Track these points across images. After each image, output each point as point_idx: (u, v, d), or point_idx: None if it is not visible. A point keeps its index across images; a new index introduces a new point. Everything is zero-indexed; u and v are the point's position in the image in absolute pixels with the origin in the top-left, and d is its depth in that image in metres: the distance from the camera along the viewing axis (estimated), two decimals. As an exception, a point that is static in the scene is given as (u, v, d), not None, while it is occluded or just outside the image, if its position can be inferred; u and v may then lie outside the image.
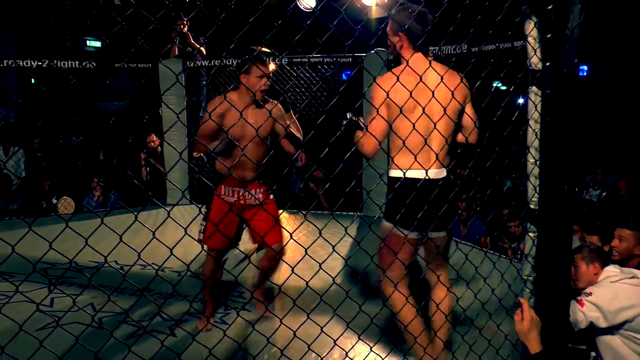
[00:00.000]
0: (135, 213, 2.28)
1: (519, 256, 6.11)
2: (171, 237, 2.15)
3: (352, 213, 7.14)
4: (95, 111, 10.58)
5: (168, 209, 6.28)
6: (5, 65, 6.78)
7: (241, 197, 3.65)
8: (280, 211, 7.00)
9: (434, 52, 6.33)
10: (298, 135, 3.80)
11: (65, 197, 7.53)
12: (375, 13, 9.00)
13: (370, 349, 2.84)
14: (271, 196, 3.79)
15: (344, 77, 13.76)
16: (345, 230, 2.43)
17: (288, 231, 2.72)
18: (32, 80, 11.11)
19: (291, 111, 3.83)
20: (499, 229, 7.02)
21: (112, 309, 3.92)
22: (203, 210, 3.67)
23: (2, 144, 8.25)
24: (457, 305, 3.27)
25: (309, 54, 7.35)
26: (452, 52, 6.36)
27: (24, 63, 6.87)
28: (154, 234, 1.97)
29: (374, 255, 2.70)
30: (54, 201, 7.55)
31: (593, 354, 3.55)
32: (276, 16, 2.33)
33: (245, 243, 3.84)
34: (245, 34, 2.51)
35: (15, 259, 2.26)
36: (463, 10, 2.42)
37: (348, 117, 3.37)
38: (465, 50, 6.33)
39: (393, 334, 3.02)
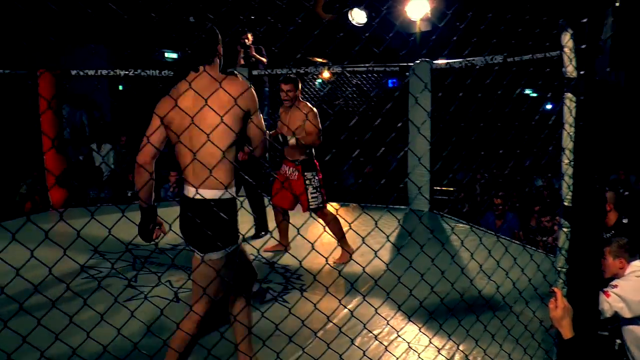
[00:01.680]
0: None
1: (548, 248, 5.99)
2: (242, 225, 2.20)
3: (400, 206, 7.09)
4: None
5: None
6: (100, 74, 7.04)
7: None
8: (335, 204, 7.10)
9: (467, 63, 6.24)
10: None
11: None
12: (421, 27, 8.91)
13: (419, 329, 2.84)
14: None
15: (390, 84, 13.73)
16: (375, 223, 2.44)
17: (347, 221, 2.73)
18: (120, 87, 11.48)
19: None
20: (532, 224, 6.90)
21: (188, 286, 4.02)
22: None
23: (95, 141, 8.60)
24: (497, 293, 3.24)
25: (361, 63, 7.37)
26: (489, 62, 6.24)
27: (115, 72, 7.11)
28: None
29: (423, 245, 2.70)
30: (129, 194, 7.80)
31: (618, 341, 3.48)
32: (332, 30, 2.35)
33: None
34: (303, 45, 2.54)
35: (107, 240, 2.37)
36: (476, 23, 2.39)
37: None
38: (501, 61, 6.21)
39: (441, 317, 3.01)
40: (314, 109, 4.51)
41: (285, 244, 4.82)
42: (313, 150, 4.67)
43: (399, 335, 2.91)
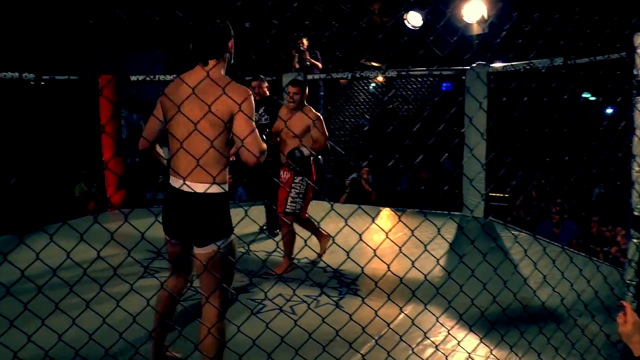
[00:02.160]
0: (247, 209, 2.38)
1: (610, 259, 5.76)
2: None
3: (453, 212, 6.97)
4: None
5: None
6: (157, 79, 7.22)
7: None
8: (385, 209, 7.07)
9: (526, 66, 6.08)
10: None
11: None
12: (476, 30, 8.76)
13: (480, 339, 2.78)
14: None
15: (443, 88, 13.55)
16: (438, 230, 2.40)
17: (384, 230, 2.70)
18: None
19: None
20: (591, 233, 6.66)
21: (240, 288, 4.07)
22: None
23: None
24: (561, 305, 3.14)
25: (415, 67, 7.29)
26: (549, 65, 6.05)
27: (171, 77, 7.29)
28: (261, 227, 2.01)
29: (462, 256, 2.64)
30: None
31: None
32: (386, 34, 2.33)
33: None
34: (357, 49, 2.54)
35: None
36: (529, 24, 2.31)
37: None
38: (561, 64, 6.02)
39: (502, 328, 2.94)
40: (320, 115, 4.51)
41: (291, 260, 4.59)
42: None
43: (459, 345, 2.86)
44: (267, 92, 5.51)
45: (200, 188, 2.33)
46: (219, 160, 2.33)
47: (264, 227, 5.67)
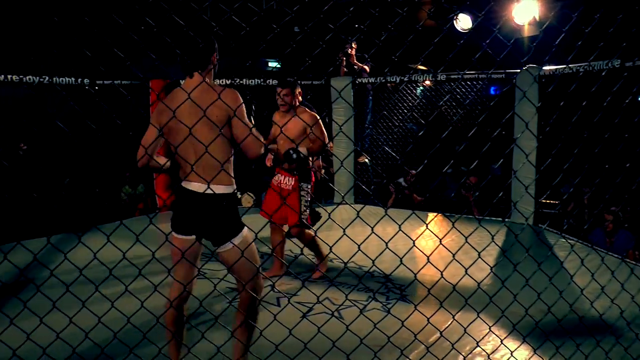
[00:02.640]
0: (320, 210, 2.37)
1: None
2: (336, 233, 2.19)
3: (500, 219, 6.85)
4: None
5: (329, 209, 6.38)
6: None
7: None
8: (433, 214, 6.99)
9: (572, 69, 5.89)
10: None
11: (247, 192, 7.99)
12: (527, 32, 8.58)
13: (534, 350, 2.71)
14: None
15: (492, 92, 13.28)
16: (492, 238, 2.34)
17: (437, 236, 2.67)
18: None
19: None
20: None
21: (288, 290, 4.09)
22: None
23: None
24: (621, 318, 3.03)
25: (464, 70, 7.18)
26: (604, 67, 5.85)
27: (220, 82, 7.42)
28: (315, 232, 2.01)
29: (516, 264, 2.57)
30: (239, 195, 8.04)
31: None
32: (434, 37, 2.30)
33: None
34: (406, 53, 2.51)
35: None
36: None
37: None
38: (617, 66, 5.82)
39: (557, 339, 2.85)
40: (317, 116, 4.18)
41: (283, 268, 4.57)
42: (310, 158, 4.33)
43: (512, 355, 2.79)
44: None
45: (217, 189, 2.46)
46: (227, 161, 2.49)
47: None
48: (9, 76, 5.78)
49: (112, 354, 2.42)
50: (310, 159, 4.24)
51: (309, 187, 4.27)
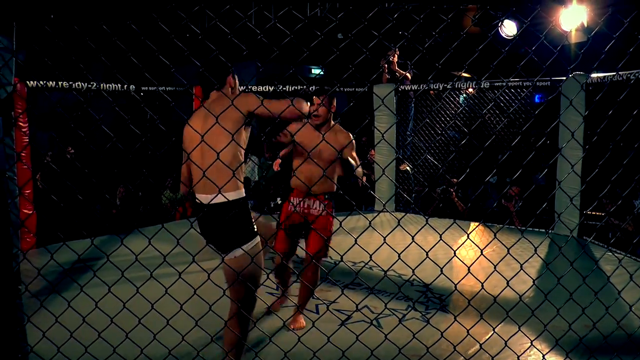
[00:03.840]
0: (340, 220, 2.39)
1: None
2: (376, 240, 2.17)
3: (542, 230, 6.68)
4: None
5: (370, 217, 6.32)
6: (250, 89, 7.46)
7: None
8: (475, 224, 6.87)
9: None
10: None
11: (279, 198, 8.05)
12: (574, 38, 8.39)
13: (567, 354, 2.63)
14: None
15: (537, 99, 13.03)
16: (535, 249, 2.28)
17: (478, 246, 2.61)
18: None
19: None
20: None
21: (326, 298, 4.08)
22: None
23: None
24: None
25: (508, 77, 7.05)
26: (632, 77, 5.63)
27: (262, 88, 7.51)
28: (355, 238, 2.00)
29: (560, 277, 2.49)
30: (279, 201, 8.10)
31: None
32: (478, 43, 2.27)
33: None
34: (449, 60, 2.48)
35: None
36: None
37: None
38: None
39: (603, 356, 2.76)
40: (352, 137, 3.65)
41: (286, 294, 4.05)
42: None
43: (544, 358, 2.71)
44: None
45: (230, 196, 2.55)
46: (239, 168, 2.59)
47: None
48: (59, 82, 5.98)
49: (151, 354, 2.47)
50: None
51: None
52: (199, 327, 3.11)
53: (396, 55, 7.79)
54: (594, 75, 6.33)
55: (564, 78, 6.49)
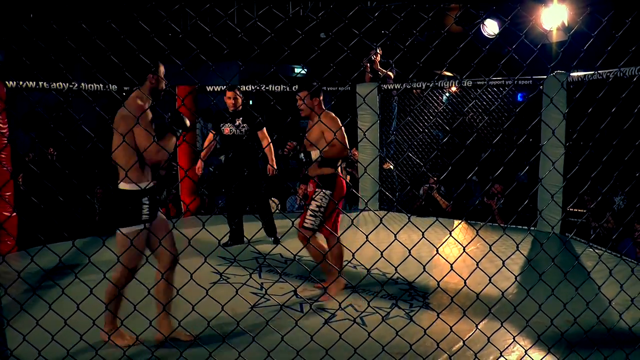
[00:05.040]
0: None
1: None
2: (360, 239, 2.18)
3: (525, 227, 6.75)
4: (297, 127, 11.20)
5: (352, 215, 6.35)
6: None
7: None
8: (458, 222, 6.93)
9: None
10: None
11: (273, 198, 8.02)
12: (555, 37, 8.47)
13: (549, 349, 2.66)
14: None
15: (520, 98, 13.14)
16: (517, 246, 2.31)
17: (461, 244, 2.64)
18: (250, 102, 12.02)
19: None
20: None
21: (311, 297, 4.08)
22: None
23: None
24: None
25: (489, 76, 7.10)
26: (635, 73, 5.72)
27: (246, 88, 7.48)
28: (338, 238, 2.01)
29: (542, 273, 2.53)
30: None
31: None
32: (460, 42, 2.28)
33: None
34: (432, 59, 2.50)
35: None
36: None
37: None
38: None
39: (584, 351, 2.80)
40: (335, 118, 4.06)
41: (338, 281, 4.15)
42: (339, 166, 4.19)
43: (526, 354, 2.74)
44: (240, 103, 5.56)
45: (122, 186, 3.05)
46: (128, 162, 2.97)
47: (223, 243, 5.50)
48: (39, 83, 5.91)
49: (134, 356, 2.45)
50: (339, 166, 4.13)
51: (328, 194, 4.04)
52: (182, 327, 3.09)
53: (379, 55, 7.81)
54: (574, 74, 6.40)
55: (545, 77, 6.56)
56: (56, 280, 3.95)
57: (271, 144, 5.66)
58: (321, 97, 4.14)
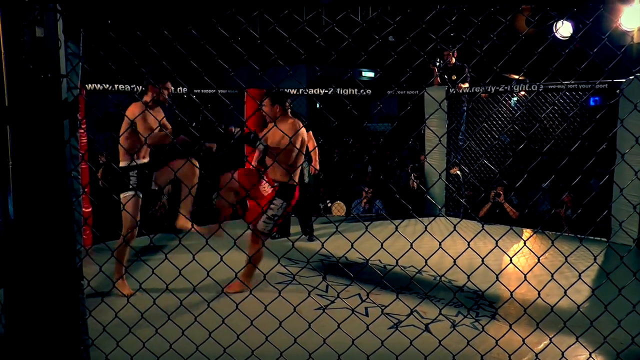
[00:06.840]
0: (396, 224, 2.36)
1: None
2: (428, 245, 2.13)
3: (598, 238, 6.37)
4: (365, 131, 11.18)
5: (425, 221, 6.31)
6: (299, 93, 7.49)
7: None
8: (529, 231, 6.67)
9: None
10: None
11: (338, 201, 8.01)
12: (638, 38, 8.03)
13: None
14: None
15: (592, 103, 12.61)
16: (595, 258, 2.19)
17: (536, 254, 2.54)
18: (317, 105, 12.06)
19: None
20: None
21: (376, 301, 4.05)
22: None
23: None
24: None
25: (562, 79, 6.82)
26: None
27: (314, 91, 7.53)
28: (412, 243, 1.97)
29: (622, 288, 2.39)
30: (329, 204, 8.07)
31: None
32: (531, 45, 2.21)
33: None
34: (505, 62, 2.42)
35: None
36: None
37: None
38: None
39: None
40: (296, 124, 4.16)
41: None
42: (295, 176, 4.27)
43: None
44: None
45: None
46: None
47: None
48: (116, 85, 6.12)
49: (207, 352, 2.50)
50: (293, 174, 4.18)
51: (284, 205, 4.16)
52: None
53: (453, 58, 7.63)
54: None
55: (624, 80, 6.22)
56: (133, 274, 4.13)
57: (317, 147, 5.86)
58: (287, 105, 4.26)
